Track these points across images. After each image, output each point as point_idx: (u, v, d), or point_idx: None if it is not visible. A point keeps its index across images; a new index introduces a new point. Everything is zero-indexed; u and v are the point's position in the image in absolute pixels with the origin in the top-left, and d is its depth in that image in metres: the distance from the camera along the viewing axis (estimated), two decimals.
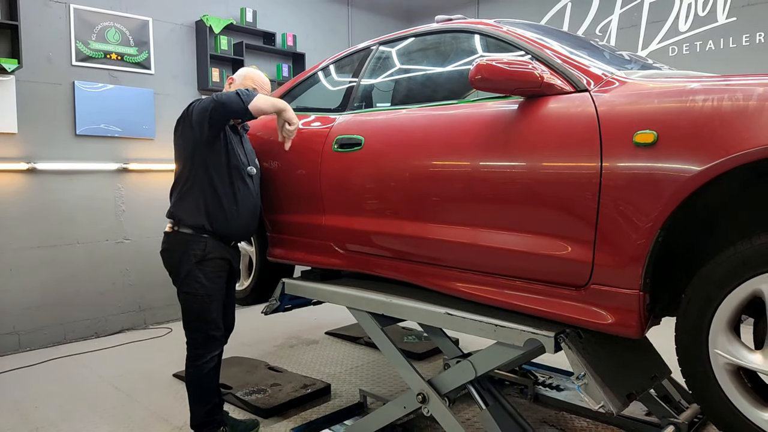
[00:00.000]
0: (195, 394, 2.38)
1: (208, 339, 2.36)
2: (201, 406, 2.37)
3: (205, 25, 4.78)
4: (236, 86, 2.53)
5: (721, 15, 4.48)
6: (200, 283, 2.32)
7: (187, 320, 2.38)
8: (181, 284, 2.36)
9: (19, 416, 2.88)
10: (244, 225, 2.46)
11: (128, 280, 4.47)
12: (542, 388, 2.97)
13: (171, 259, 2.39)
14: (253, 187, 2.50)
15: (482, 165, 1.89)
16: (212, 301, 2.35)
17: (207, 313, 2.34)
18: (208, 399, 2.39)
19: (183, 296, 2.36)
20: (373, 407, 2.83)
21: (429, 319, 2.10)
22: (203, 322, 2.34)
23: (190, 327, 2.37)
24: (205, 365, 2.35)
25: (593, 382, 1.64)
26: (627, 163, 1.54)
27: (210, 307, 2.34)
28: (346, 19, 6.14)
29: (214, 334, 2.37)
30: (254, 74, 2.60)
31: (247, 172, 2.46)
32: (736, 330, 1.48)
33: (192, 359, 2.36)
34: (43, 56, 4.02)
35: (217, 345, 2.39)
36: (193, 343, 2.37)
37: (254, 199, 2.51)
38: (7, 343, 3.88)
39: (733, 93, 1.42)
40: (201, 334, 2.35)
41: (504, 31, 2.07)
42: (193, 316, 2.35)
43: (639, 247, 1.52)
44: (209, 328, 2.35)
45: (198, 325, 2.35)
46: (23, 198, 3.96)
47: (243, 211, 2.43)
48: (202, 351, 2.35)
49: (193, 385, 2.38)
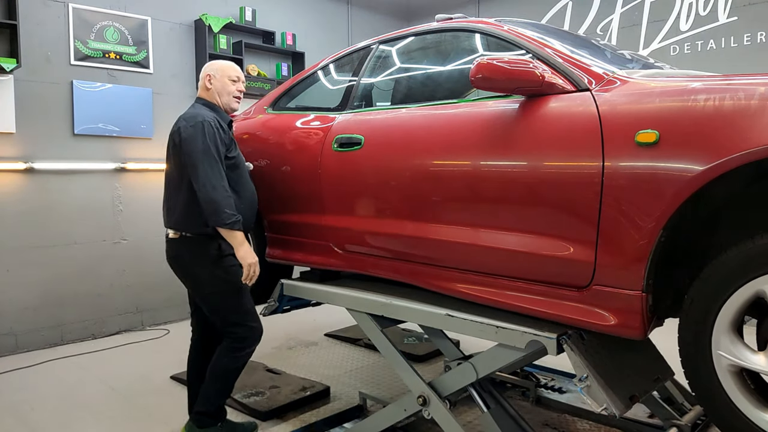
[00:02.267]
0: (218, 385, 2.36)
1: (249, 331, 2.34)
2: (219, 398, 2.38)
3: (204, 24, 4.77)
4: (217, 83, 2.41)
5: (722, 14, 4.47)
6: (226, 280, 2.29)
7: (224, 318, 2.34)
8: (205, 287, 2.32)
9: (15, 418, 2.86)
10: (250, 222, 2.47)
11: (126, 281, 4.45)
12: (544, 391, 2.95)
13: (184, 266, 2.35)
14: (252, 182, 2.51)
15: (483, 165, 1.87)
16: (243, 292, 2.34)
17: (242, 305, 2.33)
18: (226, 393, 2.40)
19: (212, 297, 2.33)
20: (372, 410, 2.82)
21: (429, 320, 2.09)
22: (242, 314, 2.33)
23: (229, 322, 2.33)
24: (243, 358, 2.34)
25: (596, 384, 1.63)
26: (629, 162, 1.53)
27: (243, 300, 2.34)
28: (346, 18, 6.13)
29: (253, 325, 2.36)
30: (229, 68, 2.45)
31: (246, 168, 2.49)
32: (739, 331, 1.47)
33: (232, 351, 2.33)
34: (42, 55, 4.00)
35: (258, 336, 2.37)
36: (233, 337, 2.33)
37: (254, 192, 2.51)
38: (4, 344, 3.86)
39: (735, 92, 1.41)
40: (242, 327, 2.33)
41: (505, 30, 2.06)
42: (229, 313, 2.32)
43: (641, 248, 1.50)
44: (249, 320, 2.34)
45: (236, 320, 2.32)
46: (21, 198, 3.94)
47: (249, 208, 2.44)
48: (242, 344, 2.33)
49: (222, 377, 2.35)
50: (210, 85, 2.43)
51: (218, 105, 2.44)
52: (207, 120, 2.27)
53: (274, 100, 3.00)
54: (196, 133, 2.23)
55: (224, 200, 2.21)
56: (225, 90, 2.43)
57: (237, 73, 2.47)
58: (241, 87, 2.48)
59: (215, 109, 2.42)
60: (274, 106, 2.98)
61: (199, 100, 2.45)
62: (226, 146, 2.33)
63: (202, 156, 2.21)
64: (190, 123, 2.27)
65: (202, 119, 2.26)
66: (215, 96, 2.43)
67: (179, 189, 2.31)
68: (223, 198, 2.20)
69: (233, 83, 2.44)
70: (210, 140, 2.24)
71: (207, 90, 2.44)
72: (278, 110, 2.93)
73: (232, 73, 2.45)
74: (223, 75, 2.43)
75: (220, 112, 2.42)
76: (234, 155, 2.38)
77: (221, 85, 2.42)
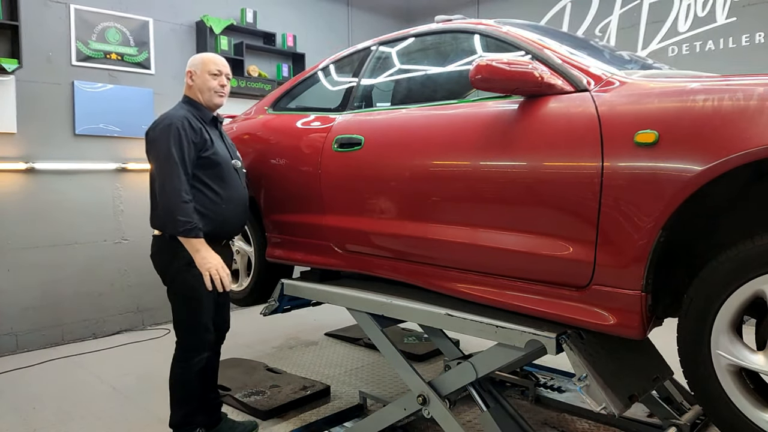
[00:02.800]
0: (176, 395, 2.34)
1: (197, 341, 2.32)
2: (180, 407, 2.34)
3: (205, 26, 4.78)
4: (197, 79, 2.35)
5: (720, 15, 4.47)
6: (190, 285, 2.25)
7: (177, 321, 2.34)
8: (171, 285, 2.32)
9: (17, 417, 2.86)
10: (234, 221, 2.40)
11: (126, 281, 4.46)
12: (543, 390, 2.96)
13: (161, 262, 2.34)
14: (239, 180, 2.43)
15: (483, 165, 1.88)
16: (203, 304, 2.29)
17: (197, 315, 2.29)
18: (188, 401, 2.34)
19: (173, 297, 2.33)
20: (372, 409, 2.82)
21: (429, 320, 2.09)
22: (193, 323, 2.30)
23: (179, 328, 2.34)
24: (191, 367, 2.31)
25: (595, 383, 1.64)
26: (628, 162, 1.54)
27: (201, 310, 2.29)
28: (346, 19, 6.14)
29: (203, 336, 2.32)
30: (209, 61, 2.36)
31: (232, 166, 2.39)
32: (739, 331, 1.47)
33: (179, 359, 2.33)
34: (43, 56, 4.01)
35: (206, 347, 2.34)
36: (181, 344, 2.34)
37: (243, 193, 2.44)
38: (5, 343, 3.87)
39: (734, 93, 1.42)
40: (190, 335, 2.32)
41: (504, 31, 2.07)
42: (183, 318, 2.32)
43: (641, 248, 1.51)
44: (199, 330, 2.31)
45: (188, 327, 2.32)
46: (22, 198, 3.95)
47: (232, 207, 2.36)
48: (189, 353, 2.32)
49: (176, 386, 2.34)
50: (192, 81, 2.37)
51: (200, 102, 2.37)
52: (174, 122, 2.22)
53: (275, 101, 3.01)
54: (160, 137, 2.21)
55: (178, 207, 2.14)
56: (205, 86, 2.35)
57: (217, 66, 2.37)
58: (223, 81, 2.38)
59: (197, 106, 2.36)
60: (274, 107, 2.99)
61: (184, 98, 2.41)
62: (197, 146, 2.25)
63: (163, 161, 2.18)
64: (158, 125, 2.25)
65: (170, 121, 2.22)
66: (197, 93, 2.37)
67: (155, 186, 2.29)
68: (176, 205, 2.14)
69: (214, 77, 2.35)
70: (174, 143, 2.18)
71: (189, 87, 2.38)
72: (279, 111, 2.94)
73: (212, 68, 2.35)
74: (203, 70, 2.35)
75: (202, 110, 2.36)
76: (209, 154, 2.29)
77: (201, 81, 2.35)
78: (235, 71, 5.11)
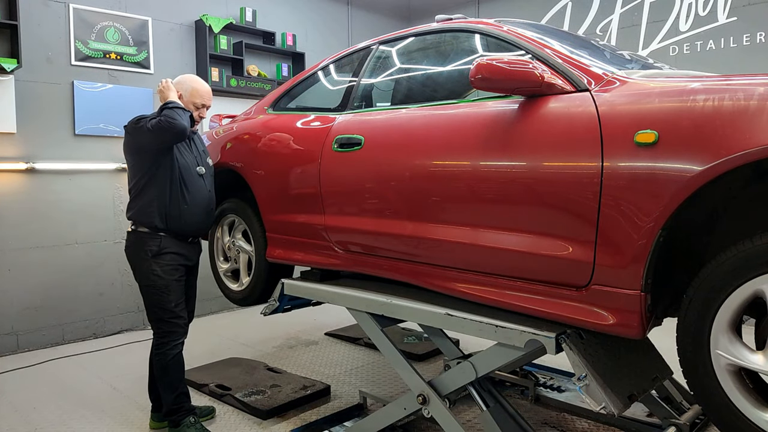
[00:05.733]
0: (163, 381, 2.53)
1: (169, 327, 2.52)
2: (169, 393, 2.52)
3: (204, 25, 4.78)
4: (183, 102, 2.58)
5: (721, 15, 4.47)
6: (157, 276, 2.49)
7: (149, 312, 2.55)
8: (140, 278, 2.54)
9: (17, 417, 2.87)
10: (198, 221, 2.62)
11: (127, 281, 4.45)
12: (543, 390, 2.96)
13: (131, 256, 2.57)
14: (204, 184, 2.65)
15: (483, 165, 1.88)
16: (170, 292, 2.51)
17: (166, 303, 2.50)
18: (175, 385, 2.53)
19: (143, 289, 2.54)
20: (372, 408, 2.83)
21: (429, 319, 2.10)
22: (163, 312, 2.51)
23: (152, 318, 2.55)
24: (168, 352, 2.51)
25: (594, 383, 1.64)
26: (628, 162, 1.54)
27: (168, 297, 2.50)
28: (346, 18, 6.13)
29: (175, 322, 2.53)
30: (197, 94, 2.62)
31: (196, 172, 2.61)
32: (738, 331, 1.48)
33: (157, 347, 2.53)
34: (43, 56, 4.01)
35: (179, 333, 2.55)
36: (157, 333, 2.55)
37: (207, 196, 2.66)
38: (5, 343, 3.87)
39: (734, 93, 1.41)
40: (163, 323, 2.52)
41: (504, 30, 2.07)
42: (153, 308, 2.52)
43: (640, 248, 1.51)
44: (170, 317, 2.52)
45: (160, 316, 2.52)
46: (22, 198, 3.95)
47: (195, 209, 2.58)
48: (165, 339, 2.52)
49: (161, 372, 2.53)
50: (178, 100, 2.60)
51: None
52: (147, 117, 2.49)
53: (275, 101, 3.01)
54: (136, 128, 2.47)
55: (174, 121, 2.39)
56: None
57: (203, 100, 2.65)
58: (203, 113, 2.68)
59: None
60: (274, 107, 2.99)
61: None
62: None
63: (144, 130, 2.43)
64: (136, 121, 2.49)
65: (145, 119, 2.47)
66: None
67: (130, 184, 2.58)
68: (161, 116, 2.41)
69: (196, 108, 2.64)
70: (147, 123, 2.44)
71: None
72: (279, 110, 2.94)
73: (197, 100, 2.63)
74: (189, 99, 2.62)
75: None
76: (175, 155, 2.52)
77: (184, 105, 2.57)
78: (235, 71, 5.11)
